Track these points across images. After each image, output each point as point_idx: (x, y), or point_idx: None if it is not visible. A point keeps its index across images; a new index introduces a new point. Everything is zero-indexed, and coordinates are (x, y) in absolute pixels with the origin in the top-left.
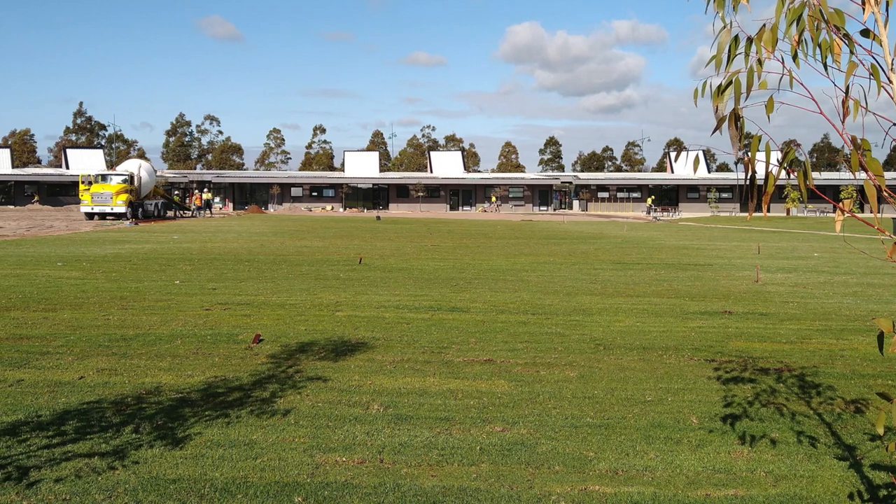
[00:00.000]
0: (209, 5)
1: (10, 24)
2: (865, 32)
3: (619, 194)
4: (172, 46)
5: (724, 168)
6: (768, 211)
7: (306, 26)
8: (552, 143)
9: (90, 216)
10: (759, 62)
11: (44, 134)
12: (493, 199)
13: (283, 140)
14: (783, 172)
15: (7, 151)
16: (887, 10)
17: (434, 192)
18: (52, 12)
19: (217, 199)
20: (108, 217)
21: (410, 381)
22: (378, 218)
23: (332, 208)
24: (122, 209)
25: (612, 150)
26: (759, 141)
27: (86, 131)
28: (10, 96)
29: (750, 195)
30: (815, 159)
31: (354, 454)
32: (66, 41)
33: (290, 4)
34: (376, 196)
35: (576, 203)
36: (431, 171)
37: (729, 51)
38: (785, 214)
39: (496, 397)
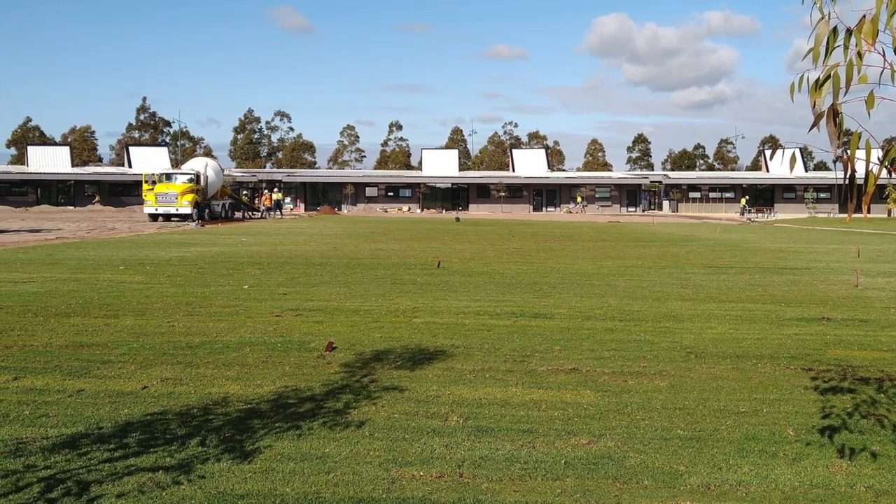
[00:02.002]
0: None
1: (71, 17)
2: None
3: (712, 194)
4: (240, 39)
5: (821, 167)
6: (868, 212)
7: (379, 17)
8: (641, 140)
9: (154, 217)
10: (859, 55)
11: (105, 131)
12: (579, 199)
13: (358, 137)
14: (884, 171)
15: (66, 149)
16: None
17: (516, 192)
18: (113, 3)
19: (287, 200)
20: (172, 218)
21: (491, 391)
22: (457, 219)
23: (409, 209)
24: (188, 210)
25: (703, 147)
26: (859, 138)
27: (149, 128)
28: (70, 91)
29: (849, 195)
30: None
31: (432, 468)
32: (129, 34)
33: None
34: (455, 196)
35: (665, 203)
36: (513, 170)
37: (827, 43)
38: (886, 216)
39: (582, 408)
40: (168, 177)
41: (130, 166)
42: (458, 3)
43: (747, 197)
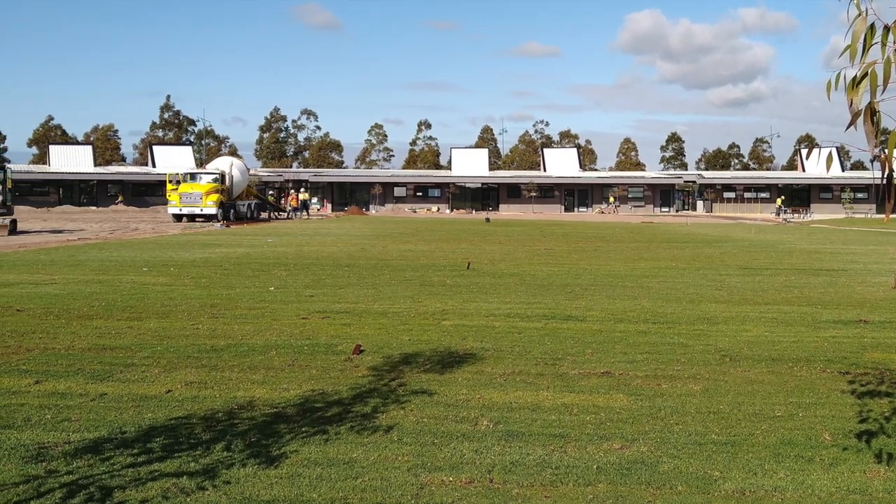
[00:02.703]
0: None
1: (93, 13)
2: None
3: (747, 194)
4: (266, 36)
5: (859, 166)
6: None
7: (408, 14)
8: (674, 139)
9: (178, 218)
10: None
11: (128, 130)
12: (611, 199)
13: (386, 136)
14: None
15: (89, 148)
16: None
17: (547, 192)
18: (136, 0)
19: (314, 200)
20: (197, 219)
21: (522, 394)
22: (487, 220)
23: (438, 209)
24: (213, 210)
25: (738, 146)
26: None
27: (174, 127)
28: (92, 89)
29: (887, 195)
30: None
31: (462, 473)
32: (153, 30)
33: None
34: (485, 196)
35: (699, 204)
36: (545, 170)
37: (864, 40)
38: None
39: (614, 412)
40: (192, 176)
41: (154, 166)
42: (488, 0)
43: (783, 197)
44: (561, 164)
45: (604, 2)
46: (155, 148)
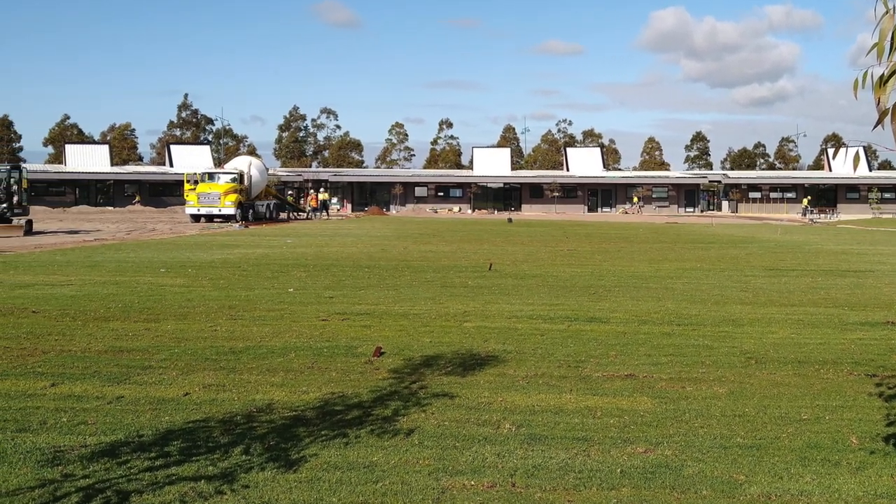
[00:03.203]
0: None
1: (108, 11)
2: None
3: (773, 194)
4: (285, 33)
5: (886, 166)
6: None
7: (428, 11)
8: (699, 138)
9: (196, 218)
10: None
11: (145, 129)
12: (635, 199)
13: (406, 135)
14: None
15: (105, 148)
16: None
17: (570, 192)
18: None
19: (334, 200)
20: (215, 219)
21: (545, 397)
22: (509, 220)
23: (460, 209)
24: (231, 210)
25: (764, 146)
26: None
27: (191, 126)
28: (108, 88)
29: None
30: None
31: (484, 477)
32: (169, 28)
33: None
34: (507, 196)
35: (725, 204)
36: (567, 170)
37: (892, 38)
38: None
39: (638, 415)
40: (210, 176)
41: (171, 165)
42: None
43: (809, 197)
44: (584, 164)
45: None
46: (172, 147)
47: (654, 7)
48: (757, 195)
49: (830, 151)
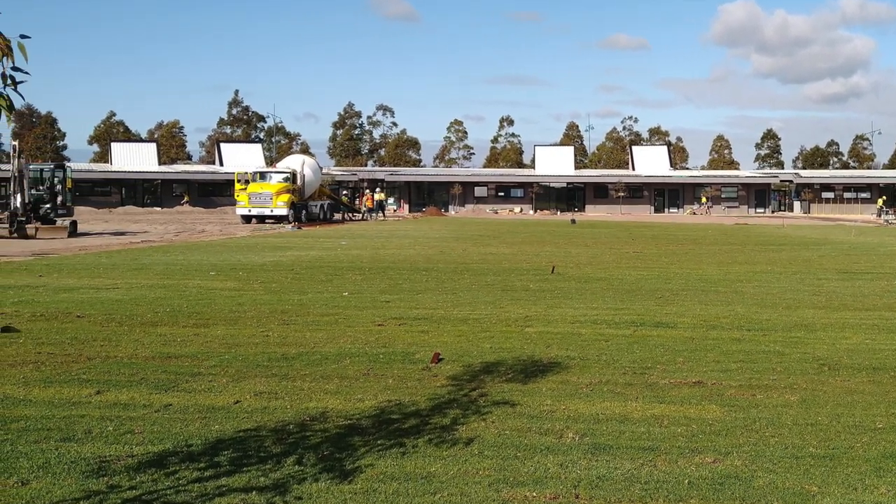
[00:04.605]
0: None
1: (157, 5)
2: None
3: (846, 194)
4: (340, 27)
5: None
6: None
7: (489, 4)
8: (770, 136)
9: (247, 219)
10: None
11: (194, 126)
12: (704, 199)
13: (466, 133)
14: None
15: (153, 146)
16: None
17: (636, 192)
18: None
19: (391, 200)
20: (267, 220)
21: (609, 405)
22: (573, 221)
23: (521, 210)
24: (284, 211)
25: (837, 144)
26: None
27: (242, 123)
28: (156, 84)
29: None
30: None
31: (546, 489)
32: (219, 22)
33: None
34: (570, 196)
35: (797, 204)
36: (633, 169)
37: None
38: None
39: (706, 424)
40: (262, 175)
41: (221, 164)
42: None
43: (884, 197)
44: (650, 163)
45: None
46: (222, 145)
47: (722, 0)
48: (830, 195)
49: None
